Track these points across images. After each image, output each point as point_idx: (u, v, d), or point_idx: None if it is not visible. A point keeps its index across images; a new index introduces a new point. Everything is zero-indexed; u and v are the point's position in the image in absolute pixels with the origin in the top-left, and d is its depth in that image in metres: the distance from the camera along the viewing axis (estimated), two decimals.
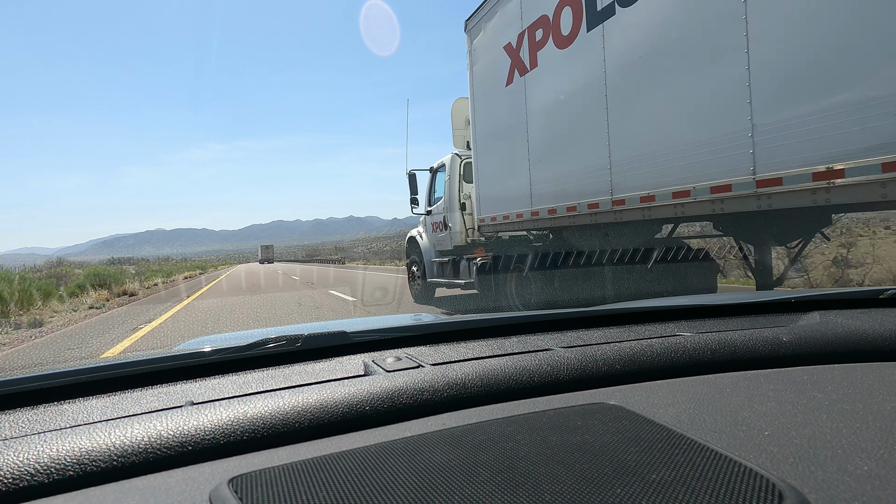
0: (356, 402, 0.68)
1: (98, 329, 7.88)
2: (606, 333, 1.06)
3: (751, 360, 0.86)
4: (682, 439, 0.54)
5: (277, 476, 0.51)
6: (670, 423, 0.60)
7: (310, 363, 0.93)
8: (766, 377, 0.78)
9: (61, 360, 5.42)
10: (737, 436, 0.57)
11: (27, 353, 6.09)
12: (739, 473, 0.46)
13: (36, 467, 0.54)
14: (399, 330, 1.10)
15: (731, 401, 0.68)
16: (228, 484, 0.49)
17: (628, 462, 0.49)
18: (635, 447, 0.53)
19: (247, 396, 0.71)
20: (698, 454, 0.50)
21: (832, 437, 0.54)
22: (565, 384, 0.78)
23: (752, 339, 0.91)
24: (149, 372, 0.86)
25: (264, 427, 0.63)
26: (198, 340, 1.52)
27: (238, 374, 0.87)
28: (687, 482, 0.45)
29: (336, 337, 0.98)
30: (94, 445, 0.57)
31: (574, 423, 0.61)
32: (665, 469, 0.48)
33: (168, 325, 7.56)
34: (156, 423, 0.61)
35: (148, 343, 6.03)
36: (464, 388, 0.74)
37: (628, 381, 0.80)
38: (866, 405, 0.63)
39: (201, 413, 0.64)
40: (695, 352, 0.87)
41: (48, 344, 6.64)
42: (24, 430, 0.66)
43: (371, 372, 0.84)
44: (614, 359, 0.83)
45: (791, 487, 0.43)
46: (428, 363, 0.86)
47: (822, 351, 0.88)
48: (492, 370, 0.78)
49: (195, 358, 0.90)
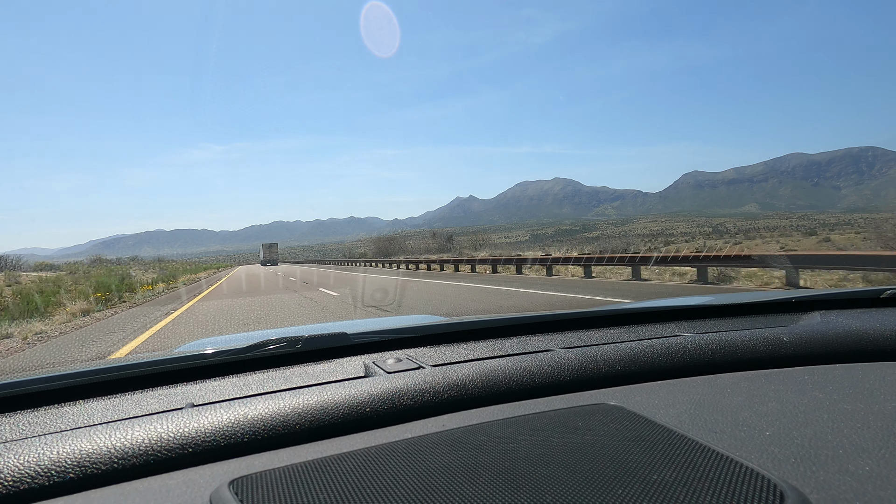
0: (357, 404, 0.68)
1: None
2: (607, 334, 1.06)
3: (751, 361, 0.86)
4: (683, 440, 0.54)
5: (278, 478, 0.50)
6: (671, 423, 0.60)
7: (310, 365, 0.93)
8: (766, 377, 0.77)
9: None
10: (738, 436, 0.56)
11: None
12: (741, 474, 0.45)
13: (37, 470, 0.53)
14: (399, 331, 1.09)
15: (731, 401, 0.67)
16: (229, 486, 0.49)
17: (629, 463, 0.49)
18: (636, 448, 0.52)
19: (247, 398, 0.71)
20: (699, 455, 0.50)
21: (833, 437, 0.54)
22: (566, 385, 0.77)
23: (752, 339, 0.90)
24: (149, 374, 0.86)
25: (265, 429, 0.63)
26: (198, 342, 1.48)
27: (239, 376, 0.87)
28: (688, 483, 0.45)
29: (336, 338, 0.98)
30: (95, 448, 0.57)
31: (575, 423, 0.60)
32: (666, 470, 0.47)
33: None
34: (156, 426, 0.61)
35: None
36: (464, 389, 0.73)
37: (629, 381, 0.80)
38: (867, 405, 0.63)
39: (202, 415, 0.64)
40: (695, 352, 0.86)
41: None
42: (24, 432, 0.65)
43: (372, 373, 0.84)
44: (615, 359, 0.82)
45: (792, 488, 0.43)
46: (429, 364, 0.85)
47: (822, 351, 0.88)
48: (492, 371, 0.77)
49: (196, 360, 0.89)
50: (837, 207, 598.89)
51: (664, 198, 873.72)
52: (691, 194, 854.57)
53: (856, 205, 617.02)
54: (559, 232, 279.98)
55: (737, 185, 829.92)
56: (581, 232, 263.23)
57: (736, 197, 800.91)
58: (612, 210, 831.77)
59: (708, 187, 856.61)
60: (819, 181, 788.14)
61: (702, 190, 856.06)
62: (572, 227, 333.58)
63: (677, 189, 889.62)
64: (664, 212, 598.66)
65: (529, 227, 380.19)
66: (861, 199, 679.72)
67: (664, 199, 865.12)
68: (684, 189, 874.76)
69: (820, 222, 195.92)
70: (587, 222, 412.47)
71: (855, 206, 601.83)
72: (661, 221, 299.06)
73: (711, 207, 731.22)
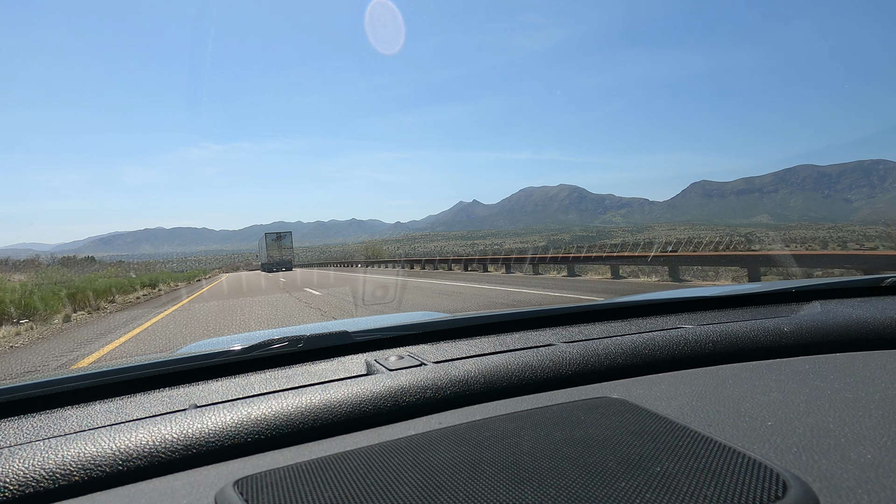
0: (359, 402, 0.68)
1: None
2: (608, 327, 1.06)
3: (753, 351, 0.86)
4: (686, 431, 0.54)
5: (283, 477, 0.51)
6: (673, 415, 0.60)
7: (312, 364, 0.93)
8: (768, 367, 0.78)
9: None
10: (740, 427, 0.57)
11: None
12: (743, 464, 0.46)
13: (41, 473, 0.53)
14: (401, 328, 1.08)
15: (733, 392, 0.68)
16: (234, 486, 0.49)
17: (632, 455, 0.49)
18: (639, 440, 0.53)
19: (250, 398, 0.71)
20: (702, 446, 0.50)
21: (835, 426, 0.54)
22: (568, 379, 0.78)
23: (753, 329, 0.91)
24: (152, 376, 0.86)
25: (268, 428, 0.63)
26: (200, 343, 1.49)
27: (241, 377, 0.87)
28: (691, 474, 0.45)
29: (338, 337, 0.98)
30: (99, 450, 0.57)
31: (577, 417, 0.61)
32: (669, 461, 0.47)
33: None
34: (160, 427, 0.61)
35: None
36: (466, 385, 0.74)
37: (631, 374, 0.81)
38: (869, 393, 0.63)
39: (205, 416, 0.64)
40: (696, 344, 0.87)
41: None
42: (28, 436, 0.65)
43: (374, 371, 0.84)
44: (616, 352, 0.83)
45: (795, 477, 0.44)
46: (430, 361, 0.85)
47: (823, 340, 0.88)
48: (494, 367, 0.78)
49: (198, 361, 0.89)
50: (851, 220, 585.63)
51: (672, 206, 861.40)
52: (699, 203, 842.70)
53: (870, 218, 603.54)
54: (575, 238, 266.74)
55: (746, 195, 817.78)
56: (599, 238, 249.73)
57: (746, 207, 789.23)
58: (619, 217, 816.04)
59: (717, 197, 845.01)
60: (830, 193, 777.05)
61: (710, 199, 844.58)
62: (587, 233, 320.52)
63: (685, 198, 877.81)
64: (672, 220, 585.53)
65: (538, 232, 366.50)
66: (874, 213, 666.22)
67: (672, 208, 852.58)
68: (692, 198, 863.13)
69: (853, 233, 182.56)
70: (601, 229, 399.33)
71: (869, 218, 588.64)
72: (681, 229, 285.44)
73: (721, 217, 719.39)
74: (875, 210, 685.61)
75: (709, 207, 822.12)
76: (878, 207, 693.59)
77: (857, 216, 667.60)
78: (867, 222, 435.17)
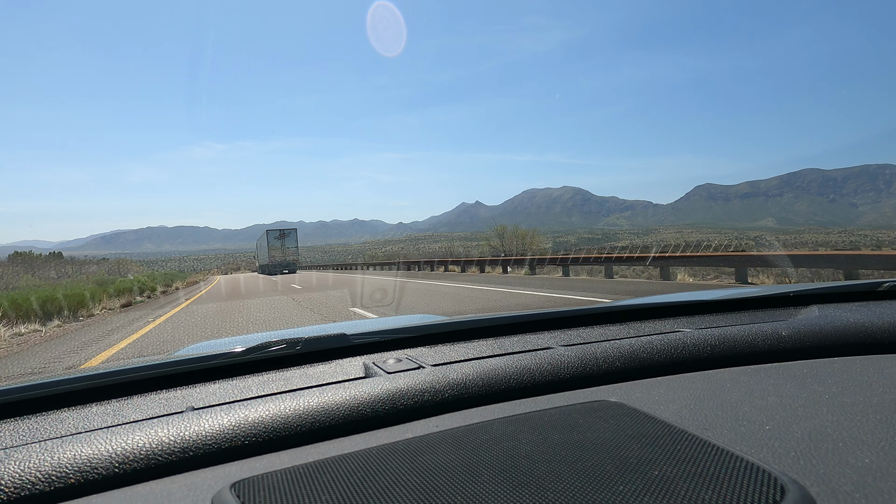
0: (357, 405, 0.68)
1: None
2: (606, 331, 1.05)
3: (751, 355, 0.86)
4: (684, 435, 0.54)
5: (280, 480, 0.50)
6: (671, 419, 0.60)
7: (310, 366, 0.92)
8: (766, 372, 0.78)
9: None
10: (738, 431, 0.56)
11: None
12: (741, 468, 0.45)
13: (37, 476, 0.53)
14: (399, 331, 1.08)
15: (731, 396, 0.68)
16: (231, 489, 0.49)
17: (630, 458, 0.49)
18: (637, 444, 0.52)
19: (248, 401, 0.71)
20: (700, 450, 0.50)
21: (833, 431, 0.54)
22: (566, 382, 0.78)
23: (751, 333, 0.90)
24: (149, 378, 0.85)
25: (266, 431, 0.63)
26: (197, 346, 1.49)
27: (239, 379, 0.87)
28: (689, 478, 0.45)
29: (336, 339, 0.97)
30: (96, 453, 0.57)
31: (575, 420, 0.60)
32: (667, 465, 0.47)
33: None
34: (157, 429, 0.61)
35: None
36: (465, 388, 0.74)
37: (629, 378, 0.80)
38: (866, 398, 0.63)
39: (202, 418, 0.64)
40: (695, 348, 0.86)
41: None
42: (24, 438, 0.65)
43: (372, 374, 0.84)
44: (615, 356, 0.83)
45: (793, 481, 0.43)
46: (428, 364, 0.85)
47: (821, 344, 0.88)
48: (492, 370, 0.77)
49: (195, 363, 0.89)
50: (857, 224, 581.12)
51: (676, 209, 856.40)
52: (703, 206, 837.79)
53: (877, 222, 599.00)
54: (581, 240, 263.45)
55: (751, 198, 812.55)
56: (606, 240, 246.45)
57: (751, 211, 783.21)
58: (623, 220, 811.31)
59: (721, 200, 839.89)
60: (836, 197, 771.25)
61: (714, 203, 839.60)
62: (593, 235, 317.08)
63: (689, 201, 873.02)
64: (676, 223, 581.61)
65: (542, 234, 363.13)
66: (881, 217, 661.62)
67: (676, 211, 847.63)
68: (696, 201, 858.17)
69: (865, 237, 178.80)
70: (607, 231, 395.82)
71: (876, 223, 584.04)
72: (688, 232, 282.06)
73: (726, 220, 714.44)
74: (881, 215, 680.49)
75: (713, 211, 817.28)
76: (885, 212, 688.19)
77: (863, 220, 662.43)
78: (874, 227, 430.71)
